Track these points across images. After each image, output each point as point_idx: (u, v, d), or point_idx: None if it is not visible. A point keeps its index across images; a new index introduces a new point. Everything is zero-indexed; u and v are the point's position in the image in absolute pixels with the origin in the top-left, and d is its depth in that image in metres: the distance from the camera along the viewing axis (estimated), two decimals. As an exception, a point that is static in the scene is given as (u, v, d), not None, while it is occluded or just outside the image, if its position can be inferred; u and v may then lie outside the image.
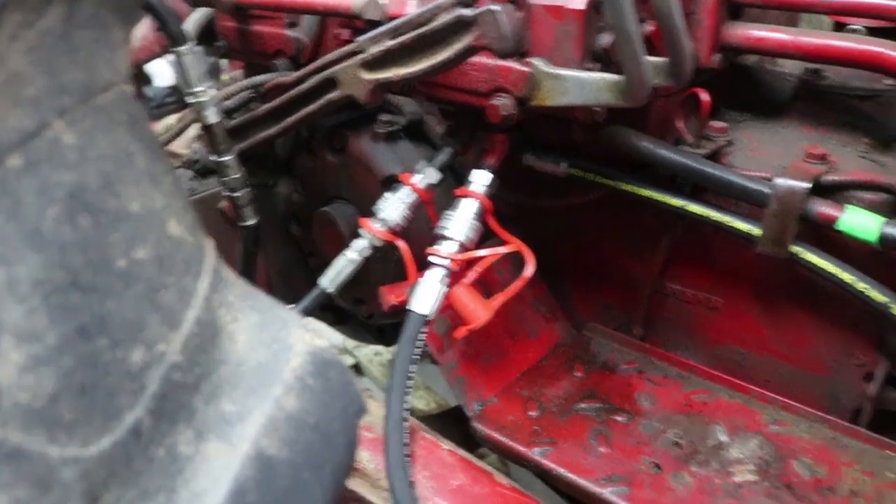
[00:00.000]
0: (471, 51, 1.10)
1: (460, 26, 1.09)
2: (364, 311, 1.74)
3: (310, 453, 0.68)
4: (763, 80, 1.50)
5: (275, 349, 0.71)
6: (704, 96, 1.30)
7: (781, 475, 1.26)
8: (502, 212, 1.58)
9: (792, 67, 1.48)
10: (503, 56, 1.13)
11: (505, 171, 1.44)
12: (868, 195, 1.24)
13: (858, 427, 1.33)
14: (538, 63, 1.16)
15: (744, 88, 1.50)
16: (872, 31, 1.36)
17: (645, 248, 1.48)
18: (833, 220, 1.20)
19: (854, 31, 1.39)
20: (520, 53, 1.16)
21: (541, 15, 1.16)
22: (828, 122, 1.39)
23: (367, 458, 1.20)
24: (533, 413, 1.40)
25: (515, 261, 1.36)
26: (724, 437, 1.33)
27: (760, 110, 1.45)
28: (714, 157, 1.34)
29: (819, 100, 1.41)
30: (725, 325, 1.45)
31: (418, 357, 1.26)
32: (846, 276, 1.22)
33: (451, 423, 1.56)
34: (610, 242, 1.54)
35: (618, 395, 1.43)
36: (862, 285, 1.21)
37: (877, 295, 1.20)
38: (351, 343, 2.44)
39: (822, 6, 1.27)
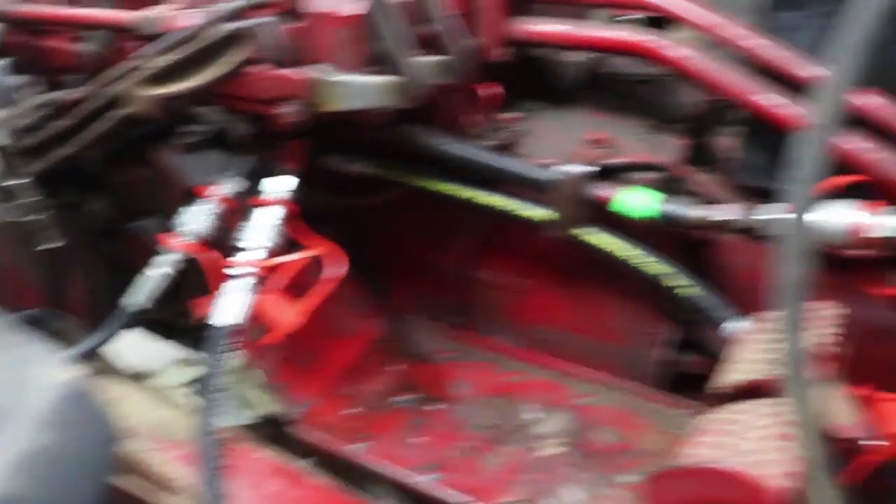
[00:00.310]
0: (249, 62, 1.11)
1: (238, 38, 1.09)
2: (186, 324, 1.72)
3: (62, 486, 0.68)
4: (555, 70, 1.57)
5: (22, 386, 0.71)
6: (487, 90, 1.35)
7: (587, 444, 1.34)
8: (316, 214, 1.59)
9: (580, 58, 1.54)
10: (280, 66, 1.15)
11: (315, 174, 1.45)
12: (646, 175, 1.32)
13: (655, 391, 1.42)
14: (321, 70, 1.18)
15: (539, 80, 1.56)
16: (652, 21, 1.44)
17: (452, 239, 1.53)
18: (611, 200, 1.27)
19: (633, 20, 1.46)
20: (303, 61, 1.18)
21: (320, 23, 1.17)
22: (611, 107, 1.46)
23: (185, 473, 1.20)
24: (351, 410, 1.43)
25: (331, 262, 1.38)
26: (534, 415, 1.40)
27: (553, 99, 1.51)
28: (505, 147, 1.39)
29: (603, 86, 1.49)
30: (533, 306, 1.52)
31: (226, 368, 1.27)
32: (627, 252, 1.29)
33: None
34: (420, 236, 1.58)
35: (434, 385, 1.47)
36: (639, 259, 1.29)
37: (653, 266, 1.28)
38: (195, 355, 2.40)
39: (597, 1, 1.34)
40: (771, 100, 1.16)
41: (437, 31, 1.16)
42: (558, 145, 1.41)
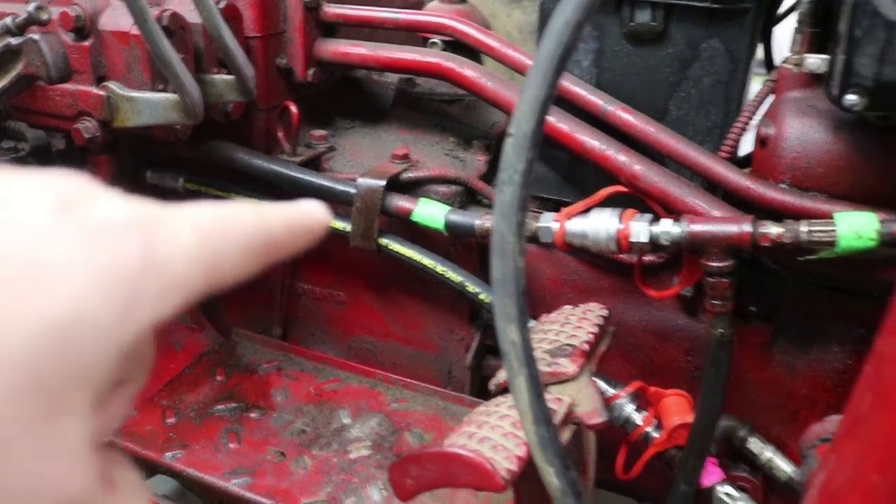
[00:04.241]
0: (25, 79, 1.14)
1: (10, 55, 1.12)
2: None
3: None
4: (370, 90, 1.64)
5: None
6: (293, 108, 1.41)
7: (394, 447, 1.40)
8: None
9: (394, 78, 1.62)
10: (50, 83, 1.18)
11: (142, 191, 1.48)
12: (443, 188, 1.39)
13: (463, 395, 1.49)
14: (114, 86, 1.22)
15: (355, 98, 1.63)
16: (450, 45, 1.52)
17: (274, 252, 1.58)
18: (409, 212, 1.34)
19: (434, 44, 1.54)
20: (91, 78, 1.22)
21: (111, 41, 1.22)
22: (421, 125, 1.54)
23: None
24: (170, 420, 1.45)
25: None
26: (347, 420, 1.45)
27: (367, 118, 1.58)
28: (313, 163, 1.45)
29: (413, 105, 1.56)
30: (352, 317, 1.57)
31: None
32: (427, 262, 1.36)
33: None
34: (245, 250, 1.62)
35: (255, 394, 1.51)
36: (441, 269, 1.36)
37: (453, 276, 1.36)
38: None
39: (390, 23, 1.41)
40: (557, 119, 1.24)
41: (230, 51, 1.21)
42: (364, 161, 1.48)
